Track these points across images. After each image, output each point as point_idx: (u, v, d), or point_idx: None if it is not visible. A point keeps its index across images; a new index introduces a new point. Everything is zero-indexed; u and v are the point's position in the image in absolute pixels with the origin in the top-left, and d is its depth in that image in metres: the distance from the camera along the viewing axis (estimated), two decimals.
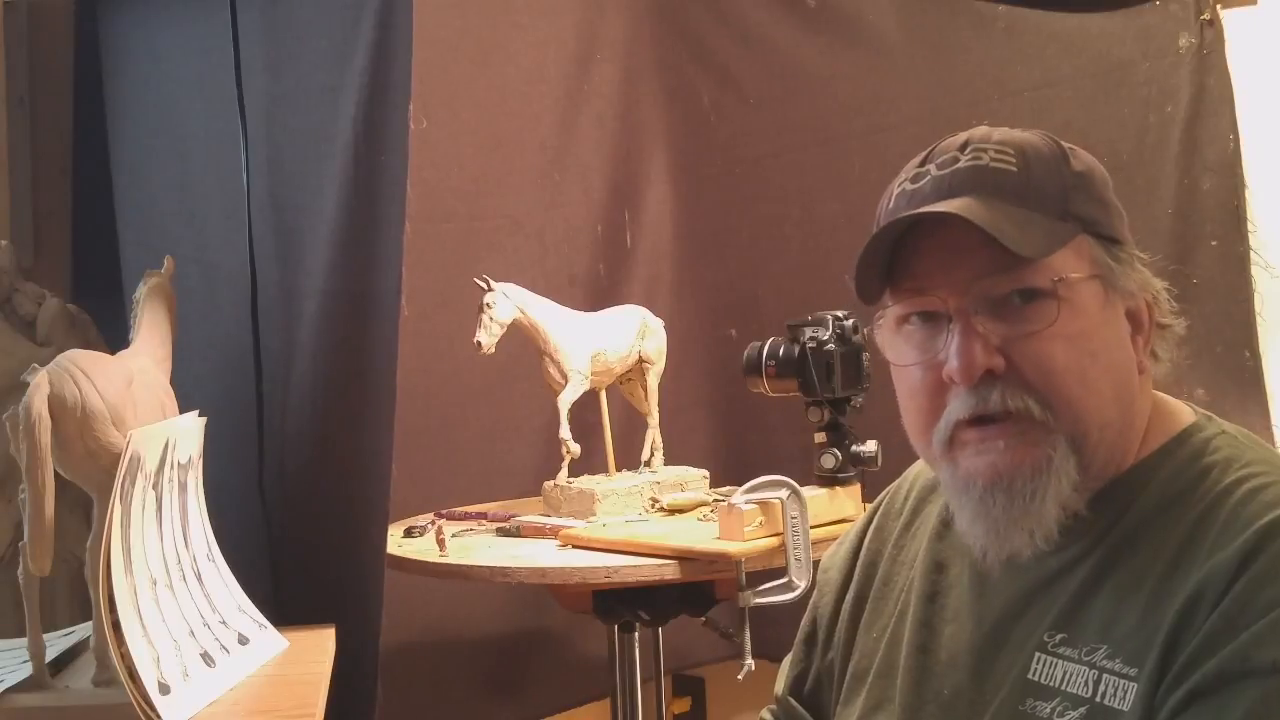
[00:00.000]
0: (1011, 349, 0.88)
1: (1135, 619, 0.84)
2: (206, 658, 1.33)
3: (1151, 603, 0.84)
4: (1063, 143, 0.96)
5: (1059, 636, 0.88)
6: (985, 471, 0.89)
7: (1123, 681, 0.83)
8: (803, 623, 1.16)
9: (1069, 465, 0.88)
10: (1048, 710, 0.86)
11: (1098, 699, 0.84)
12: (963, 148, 0.94)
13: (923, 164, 0.96)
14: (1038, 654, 0.89)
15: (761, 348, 1.85)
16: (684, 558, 1.62)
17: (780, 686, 1.16)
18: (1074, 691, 0.85)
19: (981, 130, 0.95)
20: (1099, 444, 0.89)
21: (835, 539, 1.22)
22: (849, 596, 1.10)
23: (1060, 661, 0.87)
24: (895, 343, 0.96)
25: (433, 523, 1.94)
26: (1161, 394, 0.97)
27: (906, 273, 0.93)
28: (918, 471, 1.13)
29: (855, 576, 1.11)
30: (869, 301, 0.96)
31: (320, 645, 1.50)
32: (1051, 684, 0.87)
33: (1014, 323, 0.88)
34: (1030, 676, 0.88)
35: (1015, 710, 0.89)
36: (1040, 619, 0.90)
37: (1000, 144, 0.93)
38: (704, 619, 1.82)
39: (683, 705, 2.71)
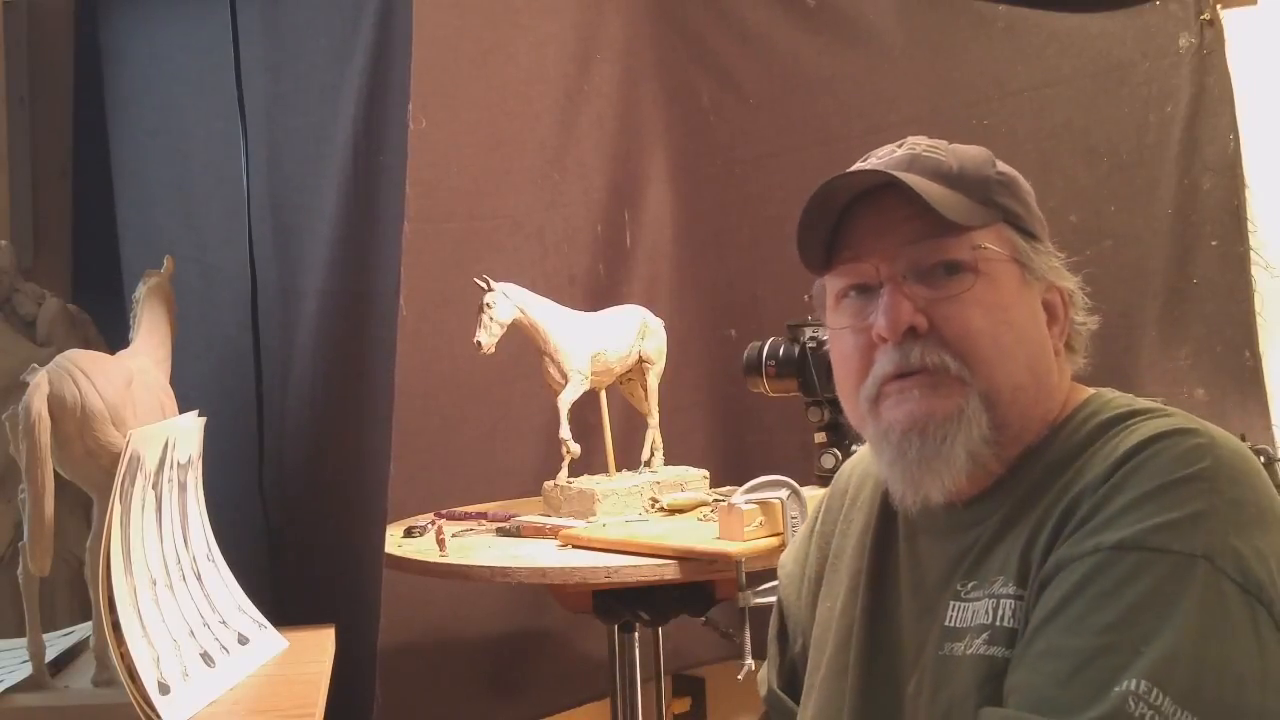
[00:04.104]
0: (934, 311, 0.95)
1: (1023, 547, 0.91)
2: (206, 657, 1.33)
3: (1035, 531, 0.90)
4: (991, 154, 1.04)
5: (970, 584, 0.94)
6: (903, 420, 0.96)
7: (1013, 602, 0.89)
8: (771, 621, 1.21)
9: (981, 419, 0.94)
10: (960, 648, 0.92)
11: (996, 623, 0.90)
12: (899, 144, 1.03)
13: (864, 159, 1.05)
14: (952, 603, 0.95)
15: (761, 348, 1.85)
16: (684, 558, 1.62)
17: (764, 688, 1.20)
18: (979, 623, 0.91)
19: (917, 137, 1.04)
20: (1012, 404, 0.95)
21: None
22: (808, 578, 1.16)
23: (970, 604, 0.93)
24: (835, 316, 1.03)
25: (433, 523, 1.94)
26: (1078, 384, 1.03)
27: (844, 244, 1.00)
28: (861, 454, 1.18)
29: (811, 558, 1.16)
30: (817, 270, 1.03)
31: (320, 645, 1.50)
32: (963, 625, 0.93)
33: (938, 288, 0.96)
34: (947, 624, 0.94)
35: (936, 657, 0.94)
36: (955, 574, 0.96)
37: (933, 142, 1.02)
38: (704, 619, 1.82)
39: (683, 705, 2.71)
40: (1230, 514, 0.83)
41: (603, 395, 2.08)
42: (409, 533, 1.91)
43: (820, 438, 1.82)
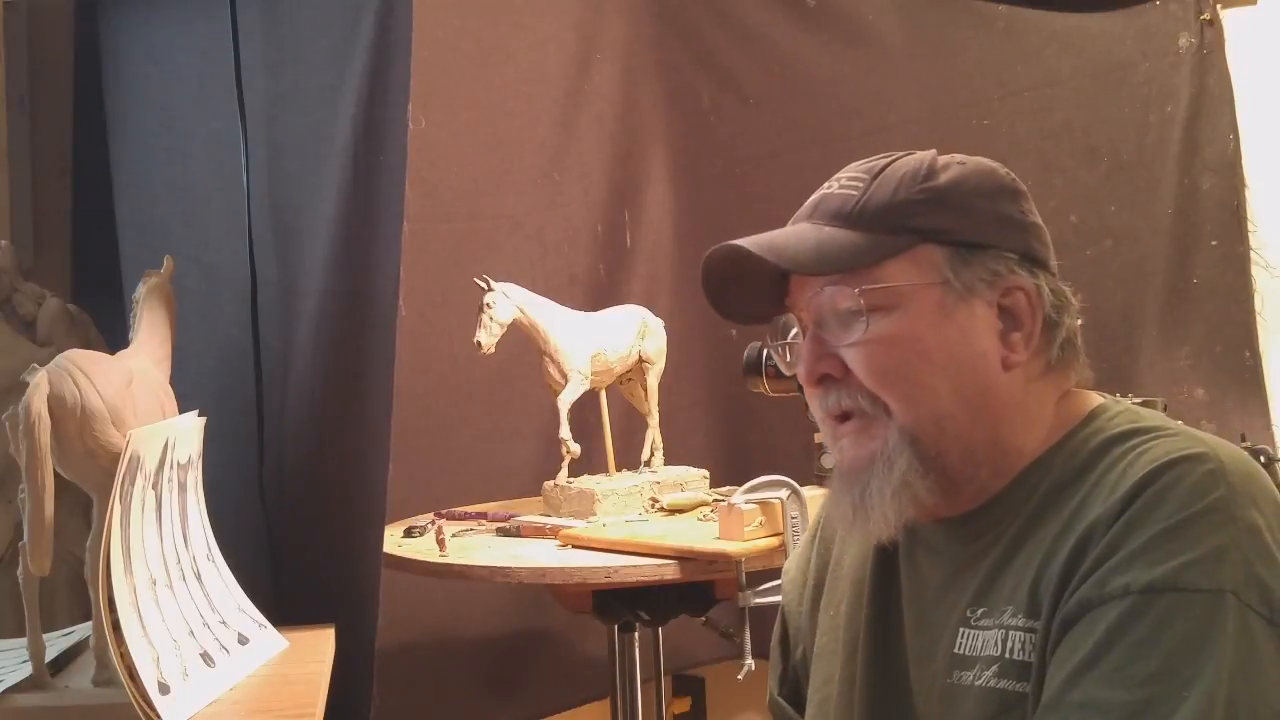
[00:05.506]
0: (846, 355, 0.96)
1: (1033, 577, 0.90)
2: (206, 657, 1.33)
3: (1046, 560, 0.89)
4: (944, 160, 0.99)
5: (980, 610, 0.93)
6: (841, 464, 0.99)
7: (1024, 634, 0.89)
8: (774, 627, 1.20)
9: (903, 454, 0.94)
10: (970, 677, 0.91)
11: (1006, 655, 0.89)
12: (835, 179, 1.02)
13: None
14: (961, 629, 0.94)
15: (761, 348, 1.84)
16: (684, 558, 1.63)
17: (769, 693, 1.20)
18: (989, 654, 0.91)
19: (874, 158, 1.02)
20: (941, 434, 0.94)
21: None
22: (809, 585, 1.15)
23: (980, 632, 0.92)
24: None
25: (433, 523, 1.94)
26: (1079, 389, 1.00)
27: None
28: None
29: (813, 565, 1.16)
30: (764, 321, 1.07)
31: (319, 645, 1.50)
32: (973, 654, 0.92)
33: (846, 330, 0.96)
34: (956, 650, 0.94)
35: (945, 684, 0.94)
36: (961, 598, 0.95)
37: (862, 170, 1.00)
38: (704, 619, 1.82)
39: (683, 705, 2.71)
40: (1250, 543, 0.83)
41: (603, 395, 2.08)
42: (409, 533, 1.91)
43: (820, 438, 1.82)
